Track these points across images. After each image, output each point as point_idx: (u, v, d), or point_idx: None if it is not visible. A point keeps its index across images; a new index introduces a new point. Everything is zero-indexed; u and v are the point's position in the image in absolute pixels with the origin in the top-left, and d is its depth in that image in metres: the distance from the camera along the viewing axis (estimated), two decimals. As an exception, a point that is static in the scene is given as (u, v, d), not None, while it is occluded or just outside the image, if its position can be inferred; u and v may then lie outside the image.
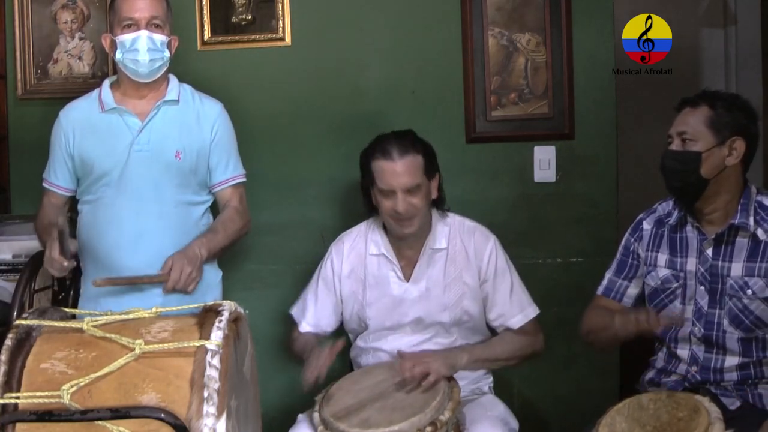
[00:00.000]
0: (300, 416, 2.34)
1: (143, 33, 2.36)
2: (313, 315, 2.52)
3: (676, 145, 2.13)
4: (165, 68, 2.44)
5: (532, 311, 2.43)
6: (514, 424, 2.34)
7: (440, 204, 2.47)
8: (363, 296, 2.46)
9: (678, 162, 2.11)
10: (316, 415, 2.20)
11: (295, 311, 2.58)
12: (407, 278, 2.43)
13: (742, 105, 2.14)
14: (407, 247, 2.44)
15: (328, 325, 2.53)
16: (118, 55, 2.39)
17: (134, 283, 2.34)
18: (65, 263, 2.22)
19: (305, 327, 2.53)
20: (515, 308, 2.42)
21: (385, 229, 2.47)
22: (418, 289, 2.42)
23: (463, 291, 2.41)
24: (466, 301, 2.41)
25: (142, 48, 2.36)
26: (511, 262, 2.49)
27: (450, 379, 2.24)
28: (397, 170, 2.29)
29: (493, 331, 2.51)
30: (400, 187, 2.30)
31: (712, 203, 2.13)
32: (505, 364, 2.42)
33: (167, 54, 2.42)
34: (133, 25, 2.36)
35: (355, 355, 2.57)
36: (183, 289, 2.33)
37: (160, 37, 2.39)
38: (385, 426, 2.06)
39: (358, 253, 2.49)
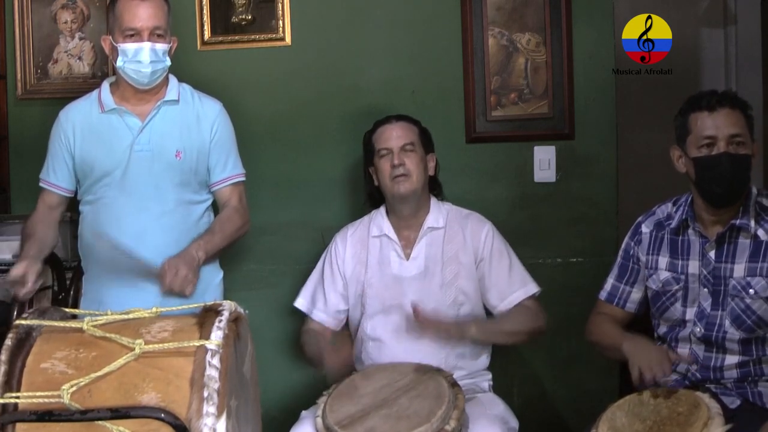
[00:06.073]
0: (303, 413, 2.35)
1: (146, 45, 2.33)
2: (323, 300, 2.58)
3: (729, 149, 2.01)
4: (165, 73, 2.43)
5: (533, 287, 2.50)
6: (514, 423, 2.35)
7: (436, 187, 2.60)
8: (364, 276, 2.53)
9: (737, 166, 2.02)
10: (318, 420, 2.19)
11: (301, 303, 2.63)
12: (407, 257, 2.51)
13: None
14: (406, 226, 2.54)
15: (338, 305, 2.57)
16: (120, 63, 2.37)
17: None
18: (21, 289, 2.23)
19: (318, 314, 2.59)
20: (516, 284, 2.49)
21: (387, 213, 2.57)
22: (417, 266, 2.50)
23: (459, 269, 2.47)
24: (462, 280, 2.47)
25: (145, 60, 2.34)
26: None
27: (454, 385, 2.24)
28: (394, 130, 2.51)
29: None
30: (396, 144, 2.48)
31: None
32: (512, 339, 2.50)
33: (168, 61, 2.40)
34: (136, 35, 2.34)
35: (357, 351, 2.57)
36: (180, 291, 2.31)
37: (162, 47, 2.36)
38: None
39: (361, 237, 2.59)
